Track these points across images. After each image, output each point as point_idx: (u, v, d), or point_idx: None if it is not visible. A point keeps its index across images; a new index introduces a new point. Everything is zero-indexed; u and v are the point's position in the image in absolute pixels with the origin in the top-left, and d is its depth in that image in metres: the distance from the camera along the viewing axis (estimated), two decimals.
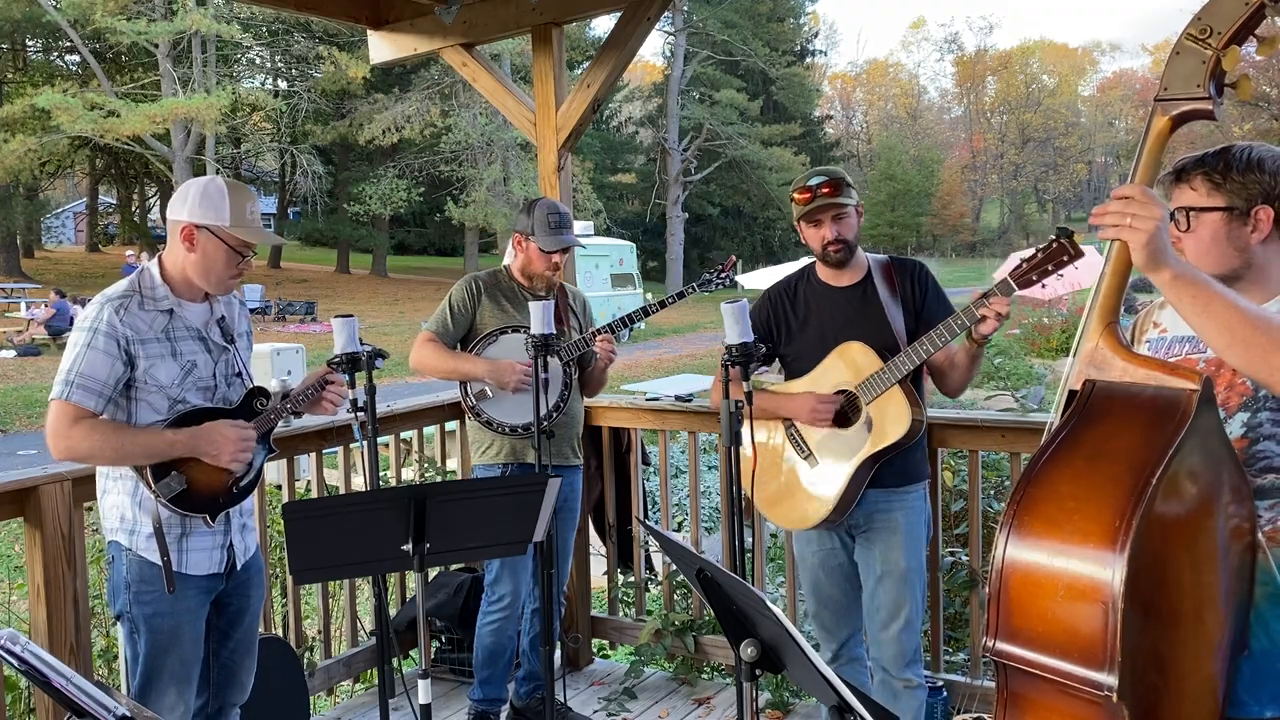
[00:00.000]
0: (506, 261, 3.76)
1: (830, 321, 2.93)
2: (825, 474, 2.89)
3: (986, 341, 2.70)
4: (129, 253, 26.92)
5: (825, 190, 2.83)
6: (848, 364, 2.85)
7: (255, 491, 2.77)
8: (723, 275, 3.50)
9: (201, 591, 2.60)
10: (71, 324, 19.82)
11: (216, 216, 2.54)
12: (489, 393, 3.52)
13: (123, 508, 2.54)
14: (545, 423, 3.47)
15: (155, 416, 2.51)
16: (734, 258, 3.75)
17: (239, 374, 2.68)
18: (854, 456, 2.82)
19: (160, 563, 2.50)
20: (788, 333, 3.03)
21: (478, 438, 3.63)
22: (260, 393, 2.68)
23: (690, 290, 3.47)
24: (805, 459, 2.94)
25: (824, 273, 2.99)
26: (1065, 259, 2.44)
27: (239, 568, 2.69)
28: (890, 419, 2.77)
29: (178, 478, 2.50)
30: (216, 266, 2.57)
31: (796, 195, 2.88)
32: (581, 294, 3.85)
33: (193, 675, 2.60)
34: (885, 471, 2.86)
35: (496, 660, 3.65)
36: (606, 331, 3.50)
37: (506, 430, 3.52)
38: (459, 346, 3.57)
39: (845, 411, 2.85)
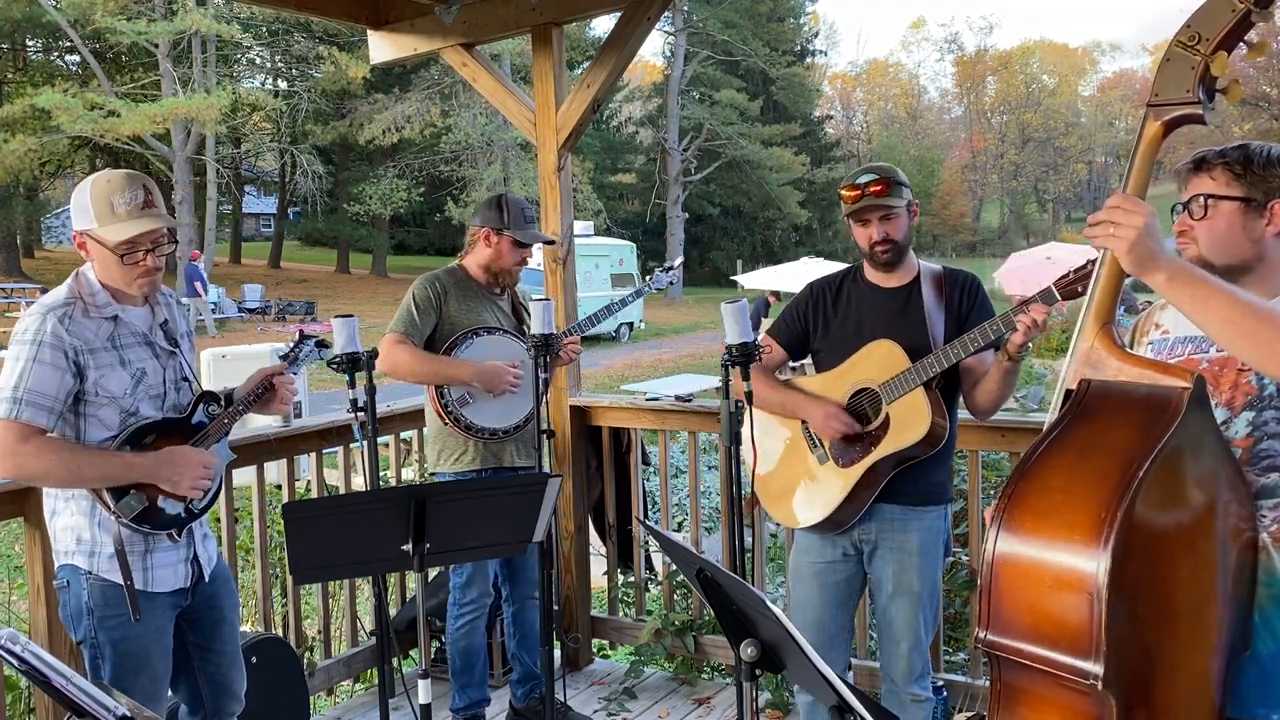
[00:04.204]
0: (460, 260, 3.65)
1: (869, 321, 2.82)
2: (835, 473, 2.77)
3: (1021, 355, 2.54)
4: (195, 252, 26.04)
5: (874, 189, 2.70)
6: (875, 362, 2.74)
7: (222, 497, 2.72)
8: (670, 272, 3.85)
9: (168, 608, 2.50)
10: None
11: (86, 219, 2.38)
12: (470, 397, 3.45)
13: (79, 529, 2.41)
14: (528, 424, 3.51)
15: (105, 433, 2.39)
16: (680, 259, 4.13)
17: (186, 379, 2.58)
18: (866, 457, 2.71)
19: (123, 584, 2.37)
20: (824, 327, 2.91)
21: (448, 444, 3.52)
22: (210, 397, 2.59)
23: (646, 290, 3.77)
24: (816, 454, 2.82)
25: (871, 273, 2.88)
26: None
27: (205, 579, 2.59)
28: (909, 421, 2.65)
29: (137, 496, 2.39)
30: (113, 271, 2.41)
31: (844, 192, 2.76)
32: (529, 293, 3.80)
33: (163, 691, 2.52)
34: (906, 487, 2.74)
35: (473, 662, 3.63)
36: (576, 332, 3.56)
37: (487, 435, 3.47)
38: (425, 348, 3.45)
39: (866, 410, 2.75)
